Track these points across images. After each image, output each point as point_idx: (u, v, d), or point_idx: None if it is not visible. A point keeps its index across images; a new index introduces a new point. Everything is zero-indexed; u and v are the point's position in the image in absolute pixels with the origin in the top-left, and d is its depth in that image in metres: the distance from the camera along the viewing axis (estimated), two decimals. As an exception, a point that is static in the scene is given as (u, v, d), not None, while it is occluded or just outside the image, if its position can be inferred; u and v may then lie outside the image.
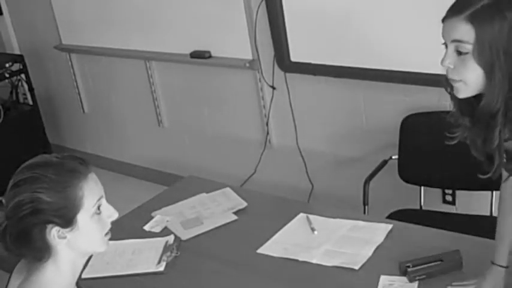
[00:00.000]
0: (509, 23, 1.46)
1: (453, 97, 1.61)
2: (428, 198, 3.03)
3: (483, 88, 1.52)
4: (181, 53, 3.85)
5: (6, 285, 1.58)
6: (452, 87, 1.58)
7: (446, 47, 1.54)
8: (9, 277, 1.58)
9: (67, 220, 1.47)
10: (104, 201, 1.54)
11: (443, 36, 1.55)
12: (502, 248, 1.85)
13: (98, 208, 1.52)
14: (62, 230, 1.47)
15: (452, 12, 1.52)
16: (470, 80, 1.53)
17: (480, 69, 1.50)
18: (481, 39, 1.48)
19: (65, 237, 1.48)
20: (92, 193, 1.50)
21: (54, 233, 1.47)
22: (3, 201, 1.47)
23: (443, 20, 1.55)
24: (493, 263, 1.87)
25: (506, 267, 1.85)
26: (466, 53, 1.50)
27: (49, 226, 1.46)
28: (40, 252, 1.49)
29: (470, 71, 1.51)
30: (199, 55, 3.74)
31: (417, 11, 2.83)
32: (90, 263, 1.59)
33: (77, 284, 1.60)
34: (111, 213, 1.55)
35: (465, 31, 1.49)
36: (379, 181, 3.01)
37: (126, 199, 2.65)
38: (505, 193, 1.85)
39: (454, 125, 1.66)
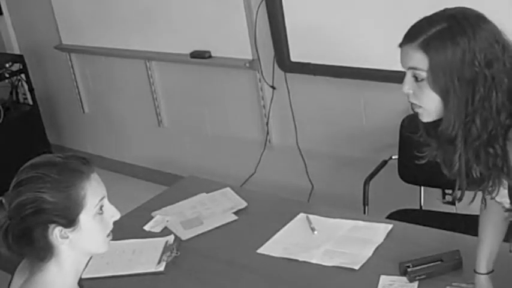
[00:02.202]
0: (462, 48, 1.46)
1: (419, 119, 1.62)
2: (428, 198, 3.03)
3: (442, 113, 1.53)
4: (181, 53, 3.85)
5: (9, 285, 1.58)
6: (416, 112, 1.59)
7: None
8: (12, 277, 1.58)
9: (69, 220, 1.47)
10: (106, 201, 1.54)
11: (401, 63, 1.56)
12: (482, 257, 1.88)
13: (100, 208, 1.52)
14: (64, 229, 1.47)
15: (406, 40, 1.53)
16: (429, 105, 1.53)
17: (436, 96, 1.50)
18: (435, 66, 1.48)
19: (67, 237, 1.48)
20: (94, 193, 1.50)
21: (56, 232, 1.47)
22: (3, 201, 1.47)
23: (399, 46, 1.56)
24: (475, 271, 1.90)
25: (488, 273, 1.87)
26: (422, 80, 1.51)
27: (51, 226, 1.46)
28: (42, 252, 1.49)
29: (428, 97, 1.52)
30: (199, 55, 3.74)
31: (417, 11, 2.82)
32: (90, 262, 1.59)
33: (79, 283, 1.60)
34: (113, 214, 1.55)
35: (419, 59, 1.50)
36: (379, 181, 3.01)
37: (126, 199, 2.64)
38: (483, 217, 1.88)
39: (424, 145, 1.67)
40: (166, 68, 4.14)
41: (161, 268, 2.29)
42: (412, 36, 1.52)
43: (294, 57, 3.39)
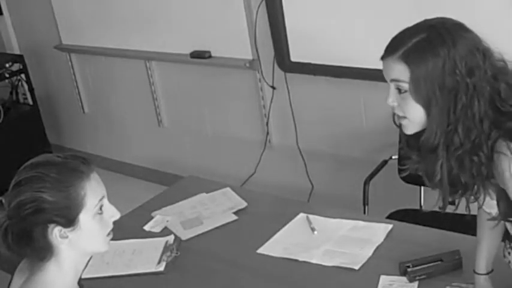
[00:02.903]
0: (442, 58, 1.46)
1: (401, 131, 1.62)
2: (428, 198, 3.03)
3: (426, 124, 1.54)
4: (181, 53, 3.85)
5: (9, 285, 1.58)
6: (400, 124, 1.59)
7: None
8: (11, 277, 1.58)
9: (69, 220, 1.47)
10: (106, 201, 1.54)
11: (384, 75, 1.57)
12: (481, 258, 1.89)
13: (100, 208, 1.52)
14: (64, 229, 1.47)
15: (388, 52, 1.54)
16: (413, 116, 1.54)
17: (419, 106, 1.51)
18: (416, 77, 1.48)
19: (66, 237, 1.48)
20: (94, 193, 1.50)
21: (56, 232, 1.47)
22: (3, 201, 1.47)
23: (381, 59, 1.57)
24: (474, 271, 1.90)
25: (487, 273, 1.88)
26: (405, 91, 1.51)
27: (51, 226, 1.46)
28: (42, 252, 1.49)
29: (411, 109, 1.52)
30: (199, 55, 3.74)
31: (417, 11, 2.82)
32: (90, 262, 1.59)
33: (79, 283, 1.60)
34: (113, 214, 1.55)
35: (400, 70, 1.51)
36: (379, 181, 3.01)
37: (126, 199, 2.64)
38: (480, 220, 1.88)
39: (405, 157, 1.67)
40: (166, 68, 4.14)
41: (161, 268, 2.29)
42: (392, 48, 1.53)
43: (294, 57, 3.39)
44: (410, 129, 1.58)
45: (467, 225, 2.26)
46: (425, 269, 2.01)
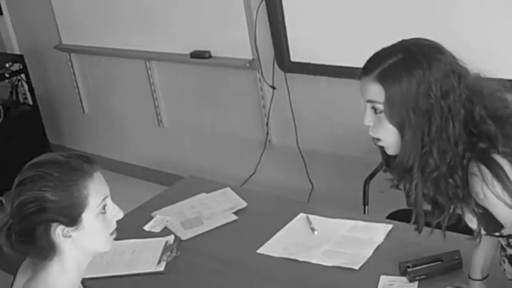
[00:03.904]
0: (417, 80, 1.47)
1: (381, 150, 1.64)
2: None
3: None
4: (181, 53, 3.85)
5: (12, 284, 1.58)
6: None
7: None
8: (14, 276, 1.58)
9: (72, 219, 1.47)
10: (109, 200, 1.54)
11: (361, 95, 1.57)
12: (477, 264, 1.88)
13: (103, 207, 1.52)
14: (66, 228, 1.47)
15: (364, 73, 1.55)
16: (388, 138, 1.55)
17: (394, 128, 1.52)
18: (391, 99, 1.49)
19: (69, 236, 1.48)
20: (97, 192, 1.50)
21: (59, 231, 1.47)
22: (4, 201, 1.47)
23: (358, 79, 1.58)
24: (469, 277, 1.89)
25: (483, 278, 1.87)
26: (381, 112, 1.52)
27: (54, 225, 1.46)
28: (45, 251, 1.49)
29: (386, 130, 1.54)
30: (199, 55, 3.74)
31: (417, 11, 2.83)
32: (89, 263, 1.60)
33: (83, 283, 1.61)
34: (116, 213, 1.55)
35: (376, 91, 1.52)
36: (379, 181, 3.00)
37: (126, 199, 2.63)
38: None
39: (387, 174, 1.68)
40: (166, 68, 4.14)
41: (161, 268, 2.29)
42: (368, 69, 1.54)
43: (294, 57, 3.39)
44: (390, 150, 1.59)
45: (467, 225, 2.26)
46: (425, 269, 2.01)
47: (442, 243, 2.12)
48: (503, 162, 1.47)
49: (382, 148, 1.63)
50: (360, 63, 1.59)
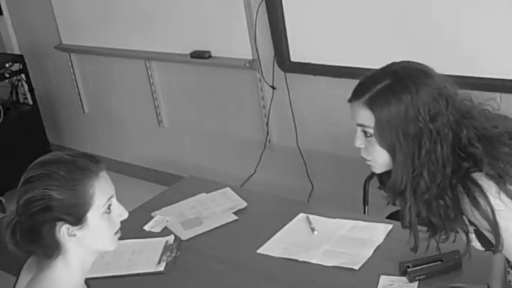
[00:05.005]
0: (405, 104, 1.50)
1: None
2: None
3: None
4: (181, 53, 3.85)
5: (16, 282, 1.59)
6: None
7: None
8: (19, 274, 1.59)
9: (77, 218, 1.47)
10: (114, 200, 1.54)
11: (351, 117, 1.60)
12: (495, 278, 1.87)
13: (109, 207, 1.52)
14: (71, 227, 1.48)
15: (353, 97, 1.60)
16: (379, 160, 1.59)
17: (385, 151, 1.55)
18: (380, 123, 1.53)
19: (74, 235, 1.49)
20: (102, 192, 1.51)
21: (64, 230, 1.47)
22: (4, 200, 1.48)
23: (348, 102, 1.62)
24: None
25: None
26: (371, 135, 1.56)
27: (59, 223, 1.47)
28: (49, 250, 1.49)
29: (377, 152, 1.57)
30: (199, 55, 3.74)
31: (417, 12, 2.83)
32: (89, 263, 1.61)
33: (86, 282, 1.61)
34: (121, 213, 1.56)
35: (365, 116, 1.56)
36: (379, 181, 3.00)
37: (126, 199, 2.64)
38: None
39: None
40: (166, 68, 4.14)
41: (161, 268, 2.29)
42: (358, 93, 1.58)
43: (294, 57, 3.39)
44: (378, 170, 1.63)
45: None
46: (425, 269, 2.01)
47: (442, 243, 2.13)
48: (482, 181, 1.49)
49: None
50: (360, 63, 1.61)
